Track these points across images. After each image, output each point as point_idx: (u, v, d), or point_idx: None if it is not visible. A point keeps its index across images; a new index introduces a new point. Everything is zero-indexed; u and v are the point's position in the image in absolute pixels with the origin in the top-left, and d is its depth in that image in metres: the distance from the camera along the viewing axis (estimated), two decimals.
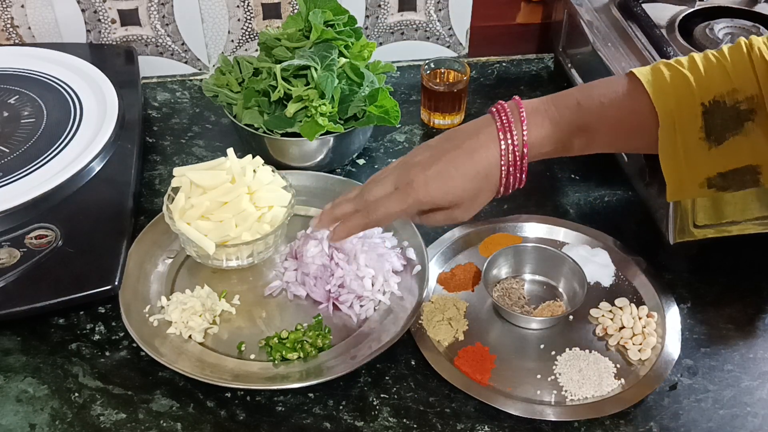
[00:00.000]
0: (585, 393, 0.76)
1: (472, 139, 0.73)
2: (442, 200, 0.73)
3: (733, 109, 0.68)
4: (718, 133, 0.69)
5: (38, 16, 1.14)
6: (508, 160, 0.72)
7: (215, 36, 1.18)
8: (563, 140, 0.73)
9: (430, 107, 1.10)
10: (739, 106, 0.68)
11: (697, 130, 0.69)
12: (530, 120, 0.72)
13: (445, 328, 0.82)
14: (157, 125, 1.11)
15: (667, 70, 0.70)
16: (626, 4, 1.05)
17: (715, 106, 0.68)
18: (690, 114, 0.69)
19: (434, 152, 0.73)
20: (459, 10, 1.21)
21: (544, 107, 0.73)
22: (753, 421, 0.75)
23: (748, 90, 0.68)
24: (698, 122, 0.69)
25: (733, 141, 0.69)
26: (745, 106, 0.68)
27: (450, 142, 0.74)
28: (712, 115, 0.68)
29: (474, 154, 0.72)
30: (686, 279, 0.89)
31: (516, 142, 0.72)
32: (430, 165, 0.72)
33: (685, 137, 0.69)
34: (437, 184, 0.72)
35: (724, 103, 0.68)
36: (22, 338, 0.81)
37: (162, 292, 0.85)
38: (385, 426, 0.74)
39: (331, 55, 0.95)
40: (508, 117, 0.72)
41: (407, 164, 0.74)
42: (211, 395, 0.76)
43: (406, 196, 0.73)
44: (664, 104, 0.69)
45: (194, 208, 0.84)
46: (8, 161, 0.94)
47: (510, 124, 0.72)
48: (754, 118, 0.68)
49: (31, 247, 0.84)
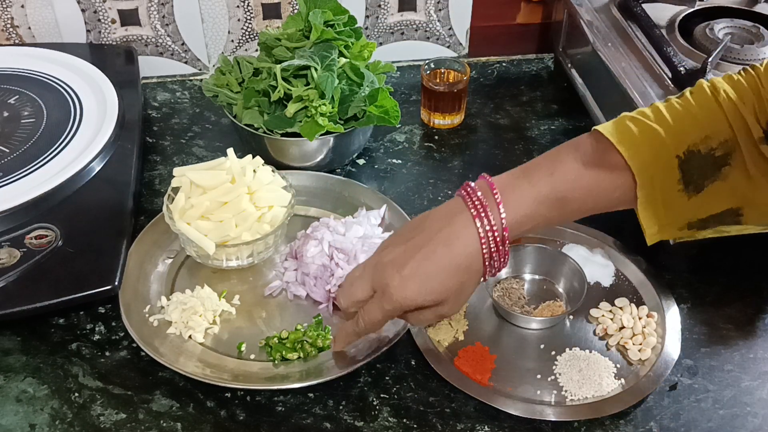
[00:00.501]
0: (585, 393, 0.76)
1: (445, 229, 0.67)
2: (424, 301, 0.68)
3: (709, 157, 0.67)
4: (696, 182, 0.67)
5: (38, 16, 1.14)
6: (489, 247, 0.67)
7: (215, 36, 1.18)
8: (541, 215, 0.68)
9: (430, 107, 1.10)
10: (714, 152, 0.66)
11: (676, 182, 0.67)
12: (506, 200, 0.67)
13: (445, 328, 0.82)
14: (157, 125, 1.11)
15: (634, 125, 0.68)
16: (626, 4, 1.05)
17: (691, 156, 0.67)
18: (666, 167, 0.67)
19: (407, 247, 0.68)
20: (459, 10, 1.21)
21: (516, 183, 0.68)
22: (753, 421, 0.75)
23: (720, 135, 0.66)
24: (676, 174, 0.67)
25: (712, 187, 0.67)
26: (720, 152, 0.66)
27: (422, 233, 0.68)
28: (688, 165, 0.67)
29: (450, 246, 0.67)
30: (686, 279, 0.89)
31: (495, 227, 0.67)
32: (404, 264, 0.67)
33: (664, 190, 0.68)
34: (415, 285, 0.67)
35: (699, 152, 0.67)
36: (22, 338, 0.81)
37: (162, 292, 0.85)
38: (385, 426, 0.74)
39: (331, 55, 0.95)
40: (481, 200, 0.67)
41: (380, 264, 0.69)
42: (211, 395, 0.76)
43: (386, 302, 0.68)
44: (640, 161, 0.67)
45: (194, 208, 0.84)
46: (8, 161, 0.94)
47: (485, 208, 0.67)
48: (730, 162, 0.67)
49: (31, 247, 0.84)
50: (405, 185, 1.02)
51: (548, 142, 1.09)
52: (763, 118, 0.66)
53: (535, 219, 0.69)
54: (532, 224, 0.69)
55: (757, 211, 0.69)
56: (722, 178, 0.67)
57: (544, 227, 0.71)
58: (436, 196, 1.00)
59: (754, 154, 0.66)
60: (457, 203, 0.69)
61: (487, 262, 0.68)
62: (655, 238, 0.71)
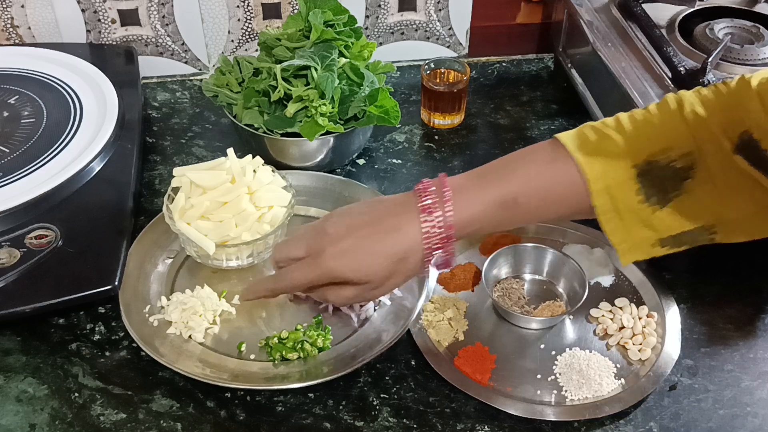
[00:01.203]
0: (585, 393, 0.76)
1: (393, 218, 0.70)
2: (351, 276, 0.70)
3: (669, 168, 0.66)
4: (659, 195, 0.67)
5: (38, 16, 1.14)
6: (432, 244, 0.69)
7: (215, 36, 1.18)
8: (490, 217, 0.69)
9: (430, 107, 1.10)
10: (674, 164, 0.66)
11: (634, 194, 0.67)
12: (455, 200, 0.69)
13: (445, 328, 0.82)
14: (157, 125, 1.11)
15: (592, 134, 0.68)
16: (626, 4, 1.05)
17: (649, 167, 0.66)
18: (623, 177, 0.67)
19: (351, 223, 0.70)
20: (459, 10, 1.21)
21: (469, 184, 0.70)
22: (753, 421, 0.75)
23: (682, 147, 0.66)
24: (634, 185, 0.67)
25: (678, 201, 0.67)
26: (680, 164, 0.66)
27: (370, 215, 0.71)
28: (647, 177, 0.66)
29: (392, 234, 0.69)
30: (686, 279, 0.89)
31: (440, 224, 0.68)
32: (343, 238, 0.69)
33: (624, 201, 0.67)
34: (347, 259, 0.69)
35: (658, 163, 0.66)
36: (22, 338, 0.81)
37: (162, 292, 0.85)
38: (385, 426, 0.74)
39: (332, 55, 0.95)
40: (431, 197, 0.69)
41: (322, 231, 0.71)
42: (211, 395, 0.76)
43: (315, 266, 0.70)
44: (591, 169, 0.67)
45: (194, 208, 0.84)
46: (8, 161, 0.94)
47: (433, 205, 0.69)
48: (693, 175, 0.66)
49: (31, 247, 0.84)
50: (405, 185, 1.02)
51: None
52: (733, 132, 0.65)
53: (482, 221, 0.70)
54: (480, 225, 0.70)
55: (729, 228, 0.68)
56: (687, 192, 0.67)
57: (495, 230, 0.73)
58: None
59: (725, 166, 0.65)
60: (410, 197, 0.71)
61: (428, 258, 0.70)
62: (627, 257, 0.70)
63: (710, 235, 0.69)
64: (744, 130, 0.65)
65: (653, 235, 0.69)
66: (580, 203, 0.68)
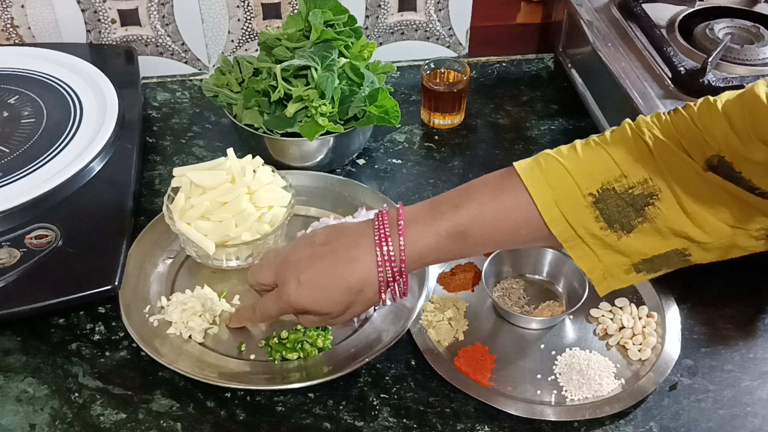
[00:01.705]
0: (585, 393, 0.76)
1: (350, 249, 0.70)
2: (312, 308, 0.72)
3: (628, 195, 0.66)
4: (621, 222, 0.66)
5: (38, 16, 1.14)
6: (386, 273, 0.69)
7: (215, 36, 1.18)
8: (443, 249, 0.69)
9: (430, 107, 1.10)
10: (632, 191, 0.66)
11: (594, 221, 0.66)
12: (408, 230, 0.69)
13: (445, 328, 0.82)
14: (157, 125, 1.11)
15: (544, 162, 0.68)
16: (626, 4, 1.05)
17: (606, 195, 0.66)
18: (576, 205, 0.66)
19: (313, 254, 0.71)
20: (459, 10, 1.21)
21: (422, 215, 0.70)
22: (753, 421, 0.75)
23: (638, 174, 0.66)
24: (591, 212, 0.66)
25: (642, 229, 0.66)
26: (639, 191, 0.65)
27: (331, 244, 0.71)
28: (605, 204, 0.66)
29: (349, 266, 0.70)
30: (686, 279, 0.88)
31: (393, 257, 0.69)
32: (305, 269, 0.71)
33: (584, 228, 0.67)
34: (307, 292, 0.71)
35: (614, 190, 0.66)
36: (22, 338, 0.81)
37: (162, 292, 0.85)
38: (385, 426, 0.74)
39: (332, 55, 0.95)
40: (386, 229, 0.69)
41: (287, 262, 0.72)
42: (211, 395, 0.76)
43: (279, 299, 0.73)
44: (543, 197, 0.66)
45: (194, 208, 0.84)
46: (8, 161, 0.94)
47: (387, 237, 0.69)
48: (654, 202, 0.65)
49: (31, 247, 0.84)
50: (405, 185, 1.02)
51: (548, 142, 1.09)
52: (700, 154, 0.65)
53: (437, 252, 0.70)
54: (435, 257, 0.70)
55: (702, 249, 0.68)
56: (650, 221, 0.66)
57: (450, 260, 0.74)
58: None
59: (698, 183, 0.65)
60: (368, 226, 0.71)
61: (383, 288, 0.71)
62: (603, 286, 0.70)
63: (684, 257, 0.69)
64: (713, 154, 0.64)
65: (625, 261, 0.68)
66: (534, 232, 0.68)
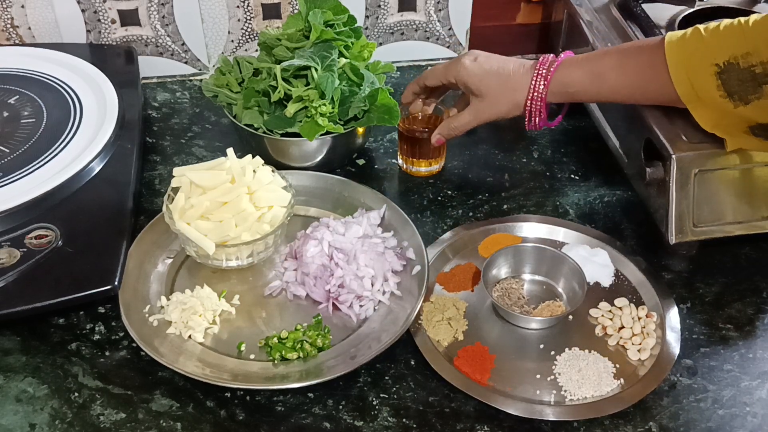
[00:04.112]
0: (584, 393, 0.76)
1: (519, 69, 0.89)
2: (472, 82, 0.90)
3: (748, 72, 0.72)
4: (740, 94, 0.74)
5: (38, 16, 1.14)
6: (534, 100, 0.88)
7: (215, 36, 1.18)
8: (585, 85, 0.85)
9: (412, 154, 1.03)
10: (753, 69, 0.72)
11: (715, 89, 0.75)
12: (563, 62, 0.86)
13: (445, 328, 0.82)
14: (157, 125, 1.11)
15: (693, 30, 0.78)
16: (626, 4, 1.06)
17: (730, 68, 0.74)
18: (704, 71, 0.75)
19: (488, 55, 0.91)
20: (459, 10, 1.21)
21: (577, 57, 0.87)
22: (752, 421, 0.75)
23: (763, 54, 0.72)
24: (714, 81, 0.75)
25: (758, 103, 0.74)
26: (760, 70, 0.72)
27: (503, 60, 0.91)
28: (727, 76, 0.74)
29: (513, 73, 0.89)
30: (686, 279, 0.89)
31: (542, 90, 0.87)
32: (482, 55, 0.91)
33: (706, 93, 0.76)
34: (477, 67, 0.90)
35: (738, 66, 0.73)
36: (22, 338, 0.81)
37: (162, 292, 0.85)
38: (385, 426, 0.74)
39: (332, 56, 0.95)
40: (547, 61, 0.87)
41: (465, 53, 0.93)
42: (210, 395, 0.76)
43: (451, 62, 0.92)
44: (674, 59, 0.77)
45: (194, 208, 0.84)
46: (8, 161, 0.94)
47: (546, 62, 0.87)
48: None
49: (30, 247, 0.84)
50: (405, 185, 1.02)
51: (548, 141, 1.09)
52: None
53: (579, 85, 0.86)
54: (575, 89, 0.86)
55: None
56: (766, 97, 0.73)
57: (587, 99, 0.90)
58: (436, 196, 1.00)
59: None
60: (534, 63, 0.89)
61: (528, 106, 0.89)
62: (731, 144, 0.80)
63: None
64: None
65: (741, 123, 0.77)
66: (662, 89, 0.79)
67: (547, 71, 0.87)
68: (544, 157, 1.07)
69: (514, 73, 0.89)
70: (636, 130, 0.90)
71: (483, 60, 0.91)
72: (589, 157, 1.06)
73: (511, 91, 0.89)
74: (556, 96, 0.88)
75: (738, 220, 0.85)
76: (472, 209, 0.98)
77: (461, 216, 0.97)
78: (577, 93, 0.87)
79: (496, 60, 0.91)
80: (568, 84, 0.86)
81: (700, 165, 0.83)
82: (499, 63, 0.90)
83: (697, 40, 0.77)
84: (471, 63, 0.90)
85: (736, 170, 0.84)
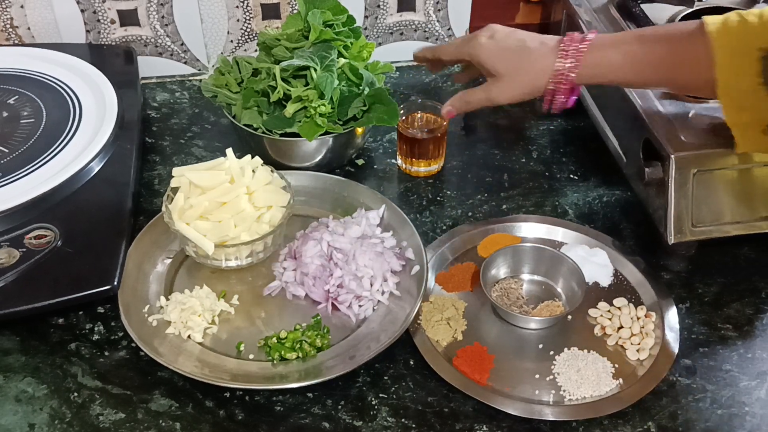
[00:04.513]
0: (583, 393, 0.76)
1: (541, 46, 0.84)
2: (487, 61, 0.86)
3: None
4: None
5: (38, 17, 1.14)
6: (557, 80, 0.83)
7: (214, 36, 1.18)
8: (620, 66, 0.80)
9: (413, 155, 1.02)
10: None
11: (755, 74, 0.72)
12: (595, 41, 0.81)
13: (444, 328, 0.82)
14: (157, 125, 1.11)
15: (735, 16, 0.74)
16: (625, 4, 1.06)
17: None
18: (747, 55, 0.72)
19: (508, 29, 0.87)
20: (458, 11, 1.21)
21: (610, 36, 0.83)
22: (751, 420, 0.75)
23: None
24: (756, 66, 0.72)
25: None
26: None
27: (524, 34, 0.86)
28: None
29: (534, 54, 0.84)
30: (684, 279, 0.89)
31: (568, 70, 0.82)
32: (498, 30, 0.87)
33: (744, 77, 0.73)
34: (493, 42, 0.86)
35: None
36: (22, 338, 0.81)
37: (161, 292, 0.85)
38: (384, 426, 0.74)
39: (331, 56, 0.95)
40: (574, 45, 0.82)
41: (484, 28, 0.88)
42: (209, 395, 0.76)
43: (468, 38, 0.89)
44: (721, 41, 0.73)
45: (193, 209, 0.84)
46: (8, 161, 0.94)
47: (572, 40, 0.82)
48: None
49: (30, 247, 0.84)
50: (404, 185, 1.02)
51: (548, 142, 1.09)
52: None
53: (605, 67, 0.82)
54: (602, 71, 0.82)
55: None
56: None
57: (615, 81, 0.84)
58: (435, 196, 1.00)
59: None
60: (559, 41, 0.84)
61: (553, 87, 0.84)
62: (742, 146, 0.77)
63: None
64: None
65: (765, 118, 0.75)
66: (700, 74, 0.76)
67: (577, 51, 0.81)
68: (543, 157, 1.07)
69: (535, 52, 0.84)
70: (635, 131, 0.90)
71: (501, 37, 0.86)
72: (588, 157, 1.06)
73: (530, 73, 0.84)
74: (585, 79, 0.83)
75: (737, 221, 0.85)
76: (471, 209, 0.98)
77: (460, 216, 0.97)
78: (610, 77, 0.82)
79: (515, 38, 0.86)
80: (604, 66, 0.81)
81: (699, 165, 0.83)
82: (518, 41, 0.85)
83: (743, 24, 0.73)
84: (487, 40, 0.86)
85: (734, 170, 0.84)
